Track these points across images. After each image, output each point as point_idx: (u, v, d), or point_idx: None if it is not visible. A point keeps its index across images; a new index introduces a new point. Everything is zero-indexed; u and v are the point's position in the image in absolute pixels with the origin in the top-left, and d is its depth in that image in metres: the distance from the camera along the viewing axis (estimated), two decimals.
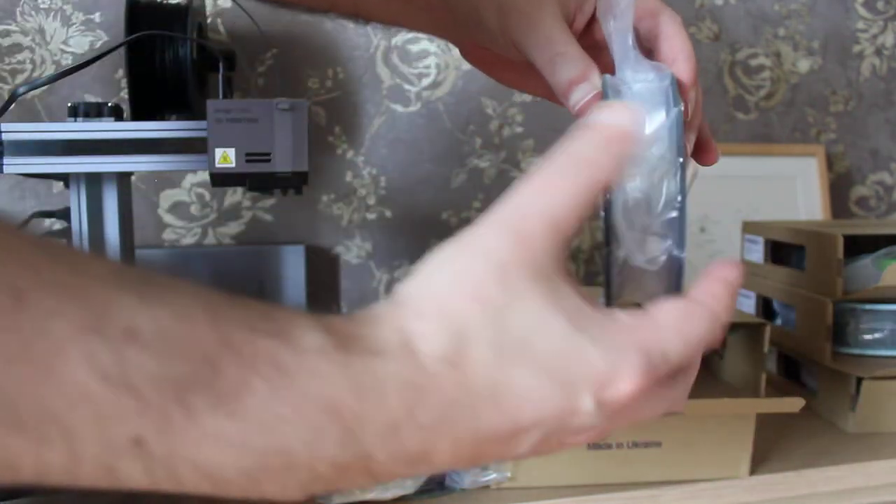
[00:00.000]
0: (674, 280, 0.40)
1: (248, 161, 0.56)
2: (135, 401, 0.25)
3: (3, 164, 0.56)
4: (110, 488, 0.26)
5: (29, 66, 0.86)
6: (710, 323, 0.35)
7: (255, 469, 0.27)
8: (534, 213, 0.33)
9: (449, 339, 0.31)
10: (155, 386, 0.25)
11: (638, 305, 0.36)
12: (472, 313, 0.31)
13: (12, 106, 0.59)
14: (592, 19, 0.51)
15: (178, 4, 0.68)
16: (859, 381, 0.70)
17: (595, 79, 0.46)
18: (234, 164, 0.56)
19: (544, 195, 0.33)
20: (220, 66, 0.60)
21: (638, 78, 0.42)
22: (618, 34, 0.43)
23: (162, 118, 0.69)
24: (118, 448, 0.25)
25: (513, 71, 0.55)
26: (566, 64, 0.47)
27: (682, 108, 0.40)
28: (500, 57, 0.53)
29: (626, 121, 0.34)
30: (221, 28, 0.91)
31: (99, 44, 0.88)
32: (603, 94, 0.43)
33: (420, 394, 0.30)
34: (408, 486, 0.58)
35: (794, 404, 0.60)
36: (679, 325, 0.34)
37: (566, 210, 0.33)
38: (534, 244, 0.32)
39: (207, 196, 0.92)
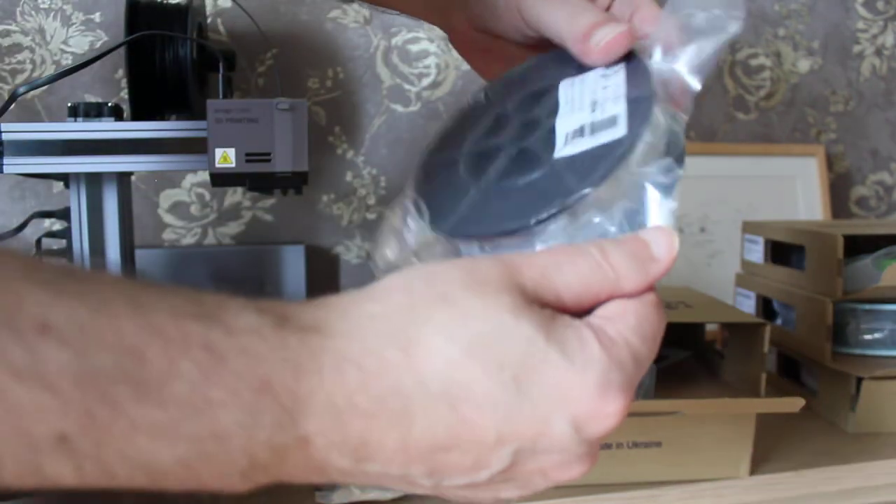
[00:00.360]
0: None
1: (248, 161, 0.56)
2: (53, 397, 0.24)
3: (3, 164, 0.56)
4: (41, 487, 0.25)
5: (29, 66, 0.86)
6: (661, 313, 0.34)
7: (191, 457, 0.26)
8: (534, 264, 0.32)
9: (402, 324, 0.29)
10: (74, 381, 0.24)
11: None
12: (435, 307, 0.30)
13: (12, 106, 0.59)
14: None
15: (178, 4, 0.68)
16: (859, 381, 0.70)
17: (623, 26, 0.41)
18: (234, 164, 0.56)
19: (556, 261, 0.32)
20: (220, 66, 0.60)
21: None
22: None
23: (162, 118, 0.69)
24: (41, 447, 0.25)
25: (503, 62, 0.53)
26: (588, 12, 0.43)
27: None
28: (492, 45, 0.51)
29: (672, 257, 0.33)
30: (221, 28, 0.91)
31: (99, 44, 0.88)
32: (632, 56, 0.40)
33: (362, 374, 0.28)
34: None
35: (794, 404, 0.60)
36: (641, 329, 0.32)
37: (568, 281, 0.32)
38: (520, 275, 0.31)
39: (207, 196, 0.92)
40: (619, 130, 0.37)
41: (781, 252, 0.85)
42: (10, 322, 0.24)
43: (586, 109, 0.40)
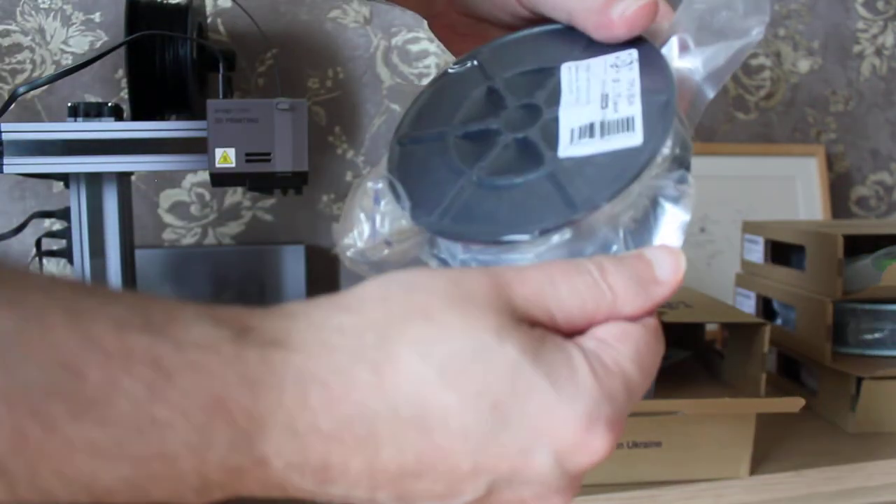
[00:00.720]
0: None
1: (248, 161, 0.56)
2: None
3: (3, 164, 0.56)
4: None
5: (29, 66, 0.86)
6: (661, 341, 0.32)
7: (137, 477, 0.25)
8: (527, 281, 0.29)
9: (374, 340, 0.27)
10: (2, 397, 0.23)
11: None
12: (412, 322, 0.27)
13: (12, 106, 0.59)
14: None
15: (178, 4, 0.68)
16: (859, 381, 0.70)
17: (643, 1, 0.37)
18: (234, 164, 0.56)
19: (550, 278, 0.30)
20: (220, 66, 0.60)
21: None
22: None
23: (162, 118, 0.69)
24: None
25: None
26: None
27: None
28: (476, 29, 0.47)
29: (678, 279, 0.31)
30: (221, 28, 0.91)
31: (99, 44, 0.88)
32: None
33: (327, 394, 0.26)
34: None
35: (794, 404, 0.60)
36: (640, 357, 0.30)
37: (561, 300, 0.29)
38: (510, 291, 0.29)
39: (207, 196, 0.92)
40: (636, 137, 0.34)
41: (781, 252, 0.85)
42: None
43: (595, 104, 0.36)
